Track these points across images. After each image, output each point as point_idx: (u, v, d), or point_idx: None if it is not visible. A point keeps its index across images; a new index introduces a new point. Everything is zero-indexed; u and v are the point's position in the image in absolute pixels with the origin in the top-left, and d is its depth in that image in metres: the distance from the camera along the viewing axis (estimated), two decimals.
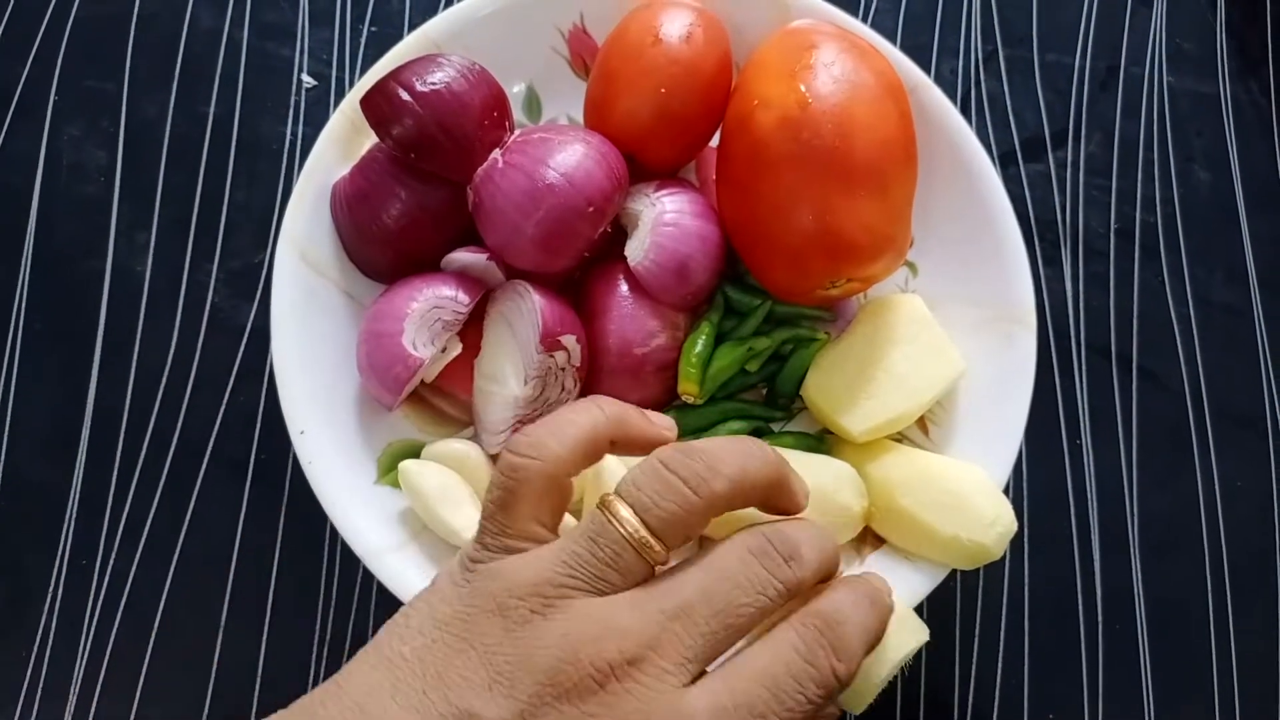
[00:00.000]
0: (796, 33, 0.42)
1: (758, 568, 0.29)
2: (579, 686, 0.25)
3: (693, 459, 0.29)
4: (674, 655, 0.26)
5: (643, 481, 0.29)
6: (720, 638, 0.27)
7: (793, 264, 0.41)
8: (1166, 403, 0.51)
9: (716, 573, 0.28)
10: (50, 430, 0.48)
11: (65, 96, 0.52)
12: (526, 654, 0.26)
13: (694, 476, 0.29)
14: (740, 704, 0.26)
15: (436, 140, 0.40)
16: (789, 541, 0.30)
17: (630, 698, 0.25)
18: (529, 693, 0.25)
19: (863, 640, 0.30)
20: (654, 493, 0.29)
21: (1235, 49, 0.57)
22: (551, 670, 0.25)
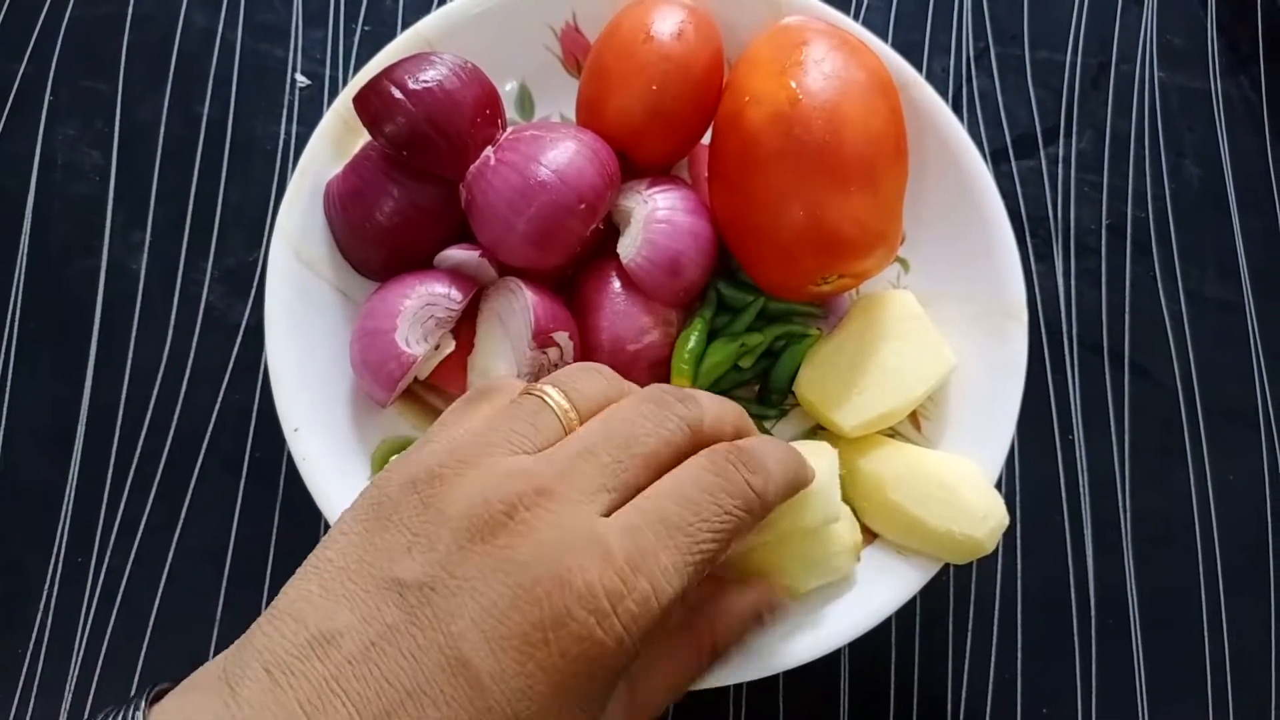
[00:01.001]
0: (788, 29, 0.43)
1: (653, 407, 0.29)
2: (490, 524, 0.25)
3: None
4: (582, 484, 0.27)
5: (574, 372, 0.31)
6: (625, 467, 0.28)
7: (785, 260, 0.41)
8: (1158, 398, 0.51)
9: (615, 415, 0.29)
10: (46, 428, 0.48)
11: (60, 96, 0.52)
12: (440, 510, 0.26)
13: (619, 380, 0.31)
14: (650, 519, 0.26)
15: (429, 138, 0.40)
16: (682, 391, 0.31)
17: (541, 525, 0.26)
18: (445, 544, 0.25)
19: (777, 462, 0.30)
20: (586, 381, 0.30)
21: (1226, 45, 0.57)
22: (463, 517, 0.26)
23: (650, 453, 0.28)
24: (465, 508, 0.26)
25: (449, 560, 0.25)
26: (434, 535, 0.26)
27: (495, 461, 0.27)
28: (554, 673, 0.24)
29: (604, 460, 0.27)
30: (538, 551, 0.25)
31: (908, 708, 0.46)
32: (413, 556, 0.25)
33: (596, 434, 0.28)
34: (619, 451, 0.28)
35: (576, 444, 0.28)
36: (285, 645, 0.25)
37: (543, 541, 0.25)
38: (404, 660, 0.24)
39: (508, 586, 0.25)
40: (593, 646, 0.25)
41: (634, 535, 0.26)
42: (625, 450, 0.28)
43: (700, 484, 0.28)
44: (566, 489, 0.26)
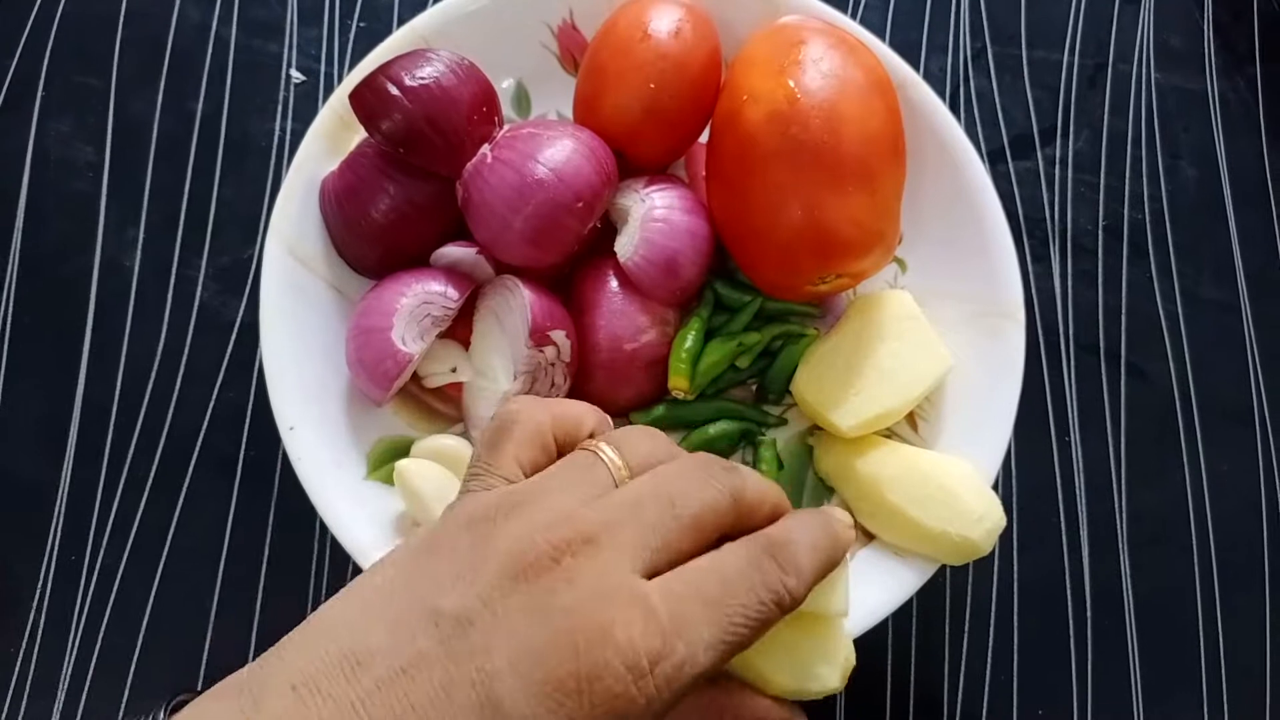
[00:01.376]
0: (785, 28, 0.42)
1: (700, 471, 0.30)
2: (535, 566, 0.26)
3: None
4: (627, 537, 0.27)
5: (629, 432, 0.32)
6: (670, 527, 0.28)
7: (782, 259, 0.41)
8: (1154, 399, 0.51)
9: (663, 474, 0.30)
10: (39, 426, 0.47)
11: (53, 92, 0.52)
12: (488, 546, 0.26)
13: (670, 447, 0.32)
14: (692, 590, 0.27)
15: (425, 135, 0.40)
16: (728, 462, 0.31)
17: (586, 573, 0.26)
18: (489, 580, 0.25)
19: (811, 555, 0.30)
20: (638, 442, 0.31)
21: (1222, 46, 0.57)
22: (510, 554, 0.26)
23: (694, 515, 0.28)
24: (513, 545, 0.26)
25: (490, 595, 0.25)
26: (479, 569, 0.26)
27: (548, 503, 0.28)
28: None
29: (649, 517, 0.28)
30: (580, 599, 0.25)
31: (904, 708, 0.46)
32: (456, 588, 0.25)
33: (645, 489, 0.29)
34: (664, 510, 0.28)
35: (625, 497, 0.28)
36: (315, 662, 0.24)
37: (586, 589, 0.26)
38: (434, 691, 0.24)
39: (547, 630, 0.25)
40: (625, 704, 0.25)
41: (677, 602, 0.26)
42: (670, 509, 0.28)
43: (739, 570, 0.28)
44: (611, 540, 0.27)
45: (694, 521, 0.28)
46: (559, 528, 0.27)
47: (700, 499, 0.29)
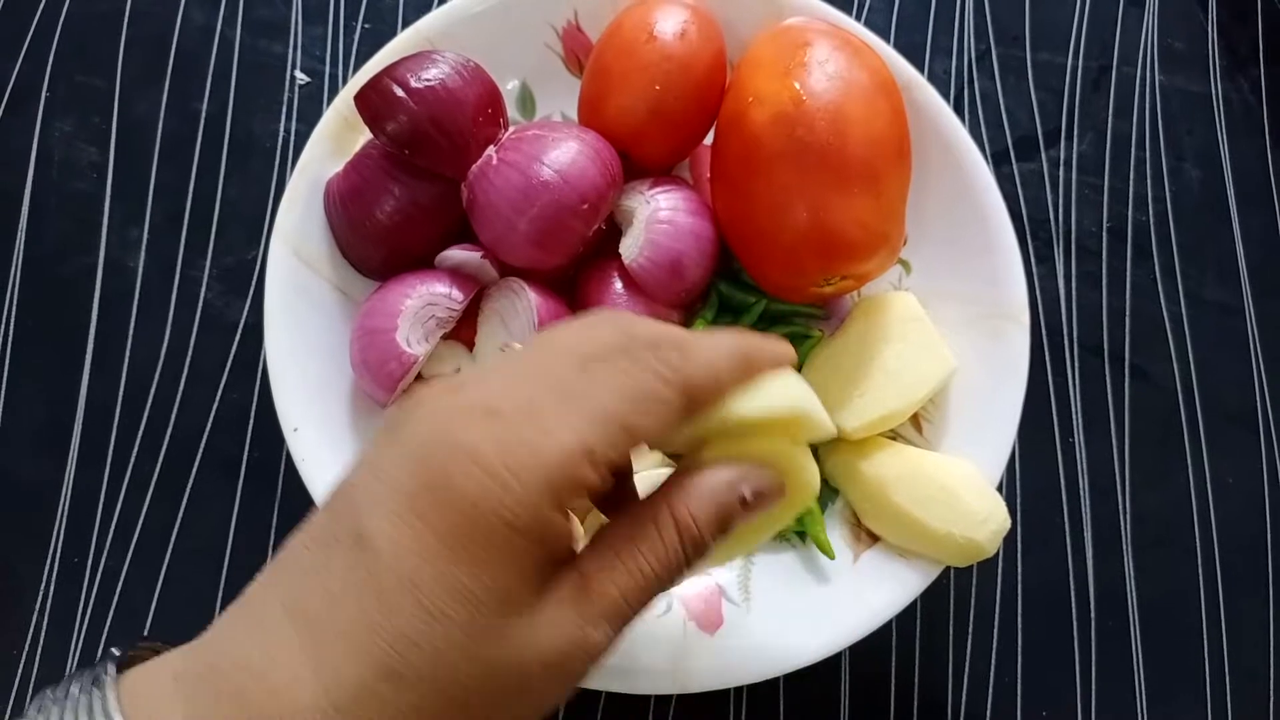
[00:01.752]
0: (790, 30, 0.42)
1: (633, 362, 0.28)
2: (397, 420, 0.27)
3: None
4: (497, 377, 0.27)
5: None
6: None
7: (787, 261, 0.41)
8: (1158, 400, 0.51)
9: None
10: (42, 427, 0.47)
11: (57, 92, 0.52)
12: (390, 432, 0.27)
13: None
14: (551, 389, 0.26)
15: (431, 136, 0.40)
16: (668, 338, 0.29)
17: (442, 406, 0.26)
18: (375, 448, 0.26)
19: (709, 345, 0.28)
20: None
21: (1225, 48, 0.57)
22: (390, 415, 0.27)
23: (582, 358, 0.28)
24: (388, 421, 0.27)
25: (372, 456, 0.26)
26: (375, 445, 0.27)
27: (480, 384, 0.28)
28: (440, 527, 0.24)
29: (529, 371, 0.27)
30: (431, 423, 0.25)
31: (908, 710, 0.46)
32: (358, 464, 0.27)
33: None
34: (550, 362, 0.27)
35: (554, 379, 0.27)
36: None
37: (438, 415, 0.26)
38: (317, 550, 0.25)
39: (405, 459, 0.25)
40: (478, 497, 0.24)
41: (529, 399, 0.26)
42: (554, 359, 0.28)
43: (601, 358, 0.27)
44: (476, 383, 0.27)
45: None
46: (424, 390, 0.27)
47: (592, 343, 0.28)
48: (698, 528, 0.27)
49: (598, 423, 0.25)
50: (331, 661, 0.23)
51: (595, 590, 0.26)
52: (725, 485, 0.28)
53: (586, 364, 0.26)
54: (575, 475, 0.25)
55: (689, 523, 0.27)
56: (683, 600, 0.42)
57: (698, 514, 0.27)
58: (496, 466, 0.24)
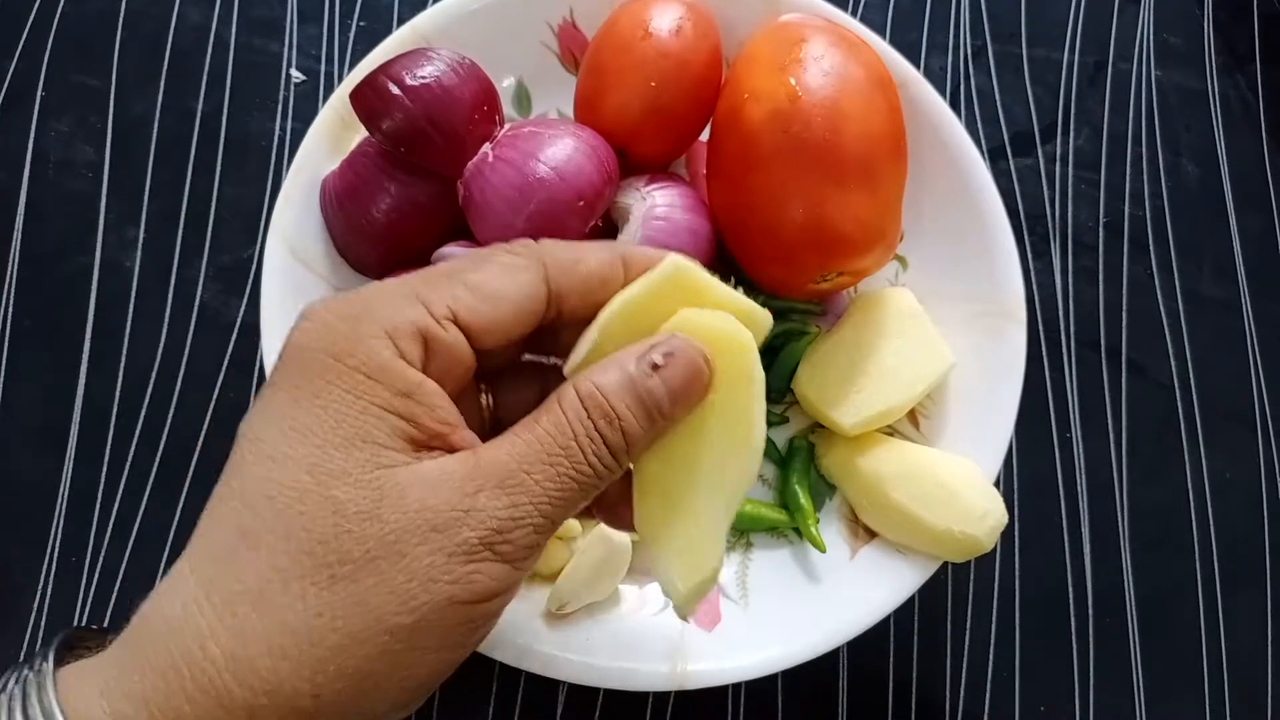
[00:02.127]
0: (786, 26, 0.42)
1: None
2: None
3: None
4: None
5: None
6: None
7: (784, 257, 0.41)
8: (1156, 396, 0.51)
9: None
10: (39, 427, 0.47)
11: (53, 92, 0.52)
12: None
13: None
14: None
15: (426, 134, 0.40)
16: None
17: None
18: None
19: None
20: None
21: (1222, 44, 0.57)
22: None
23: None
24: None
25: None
26: None
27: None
28: (280, 381, 0.25)
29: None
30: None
31: (906, 706, 0.46)
32: None
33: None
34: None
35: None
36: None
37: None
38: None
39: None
40: (306, 340, 0.25)
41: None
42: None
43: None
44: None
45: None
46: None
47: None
48: (602, 394, 0.26)
49: (433, 278, 0.26)
50: (200, 547, 0.24)
51: (483, 456, 0.25)
52: (630, 355, 0.26)
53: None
54: (406, 315, 0.25)
55: (592, 390, 0.26)
56: None
57: (601, 381, 0.26)
58: (325, 316, 0.25)
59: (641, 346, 0.27)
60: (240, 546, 0.23)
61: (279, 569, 0.23)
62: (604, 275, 0.28)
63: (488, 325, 0.26)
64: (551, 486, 0.25)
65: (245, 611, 0.22)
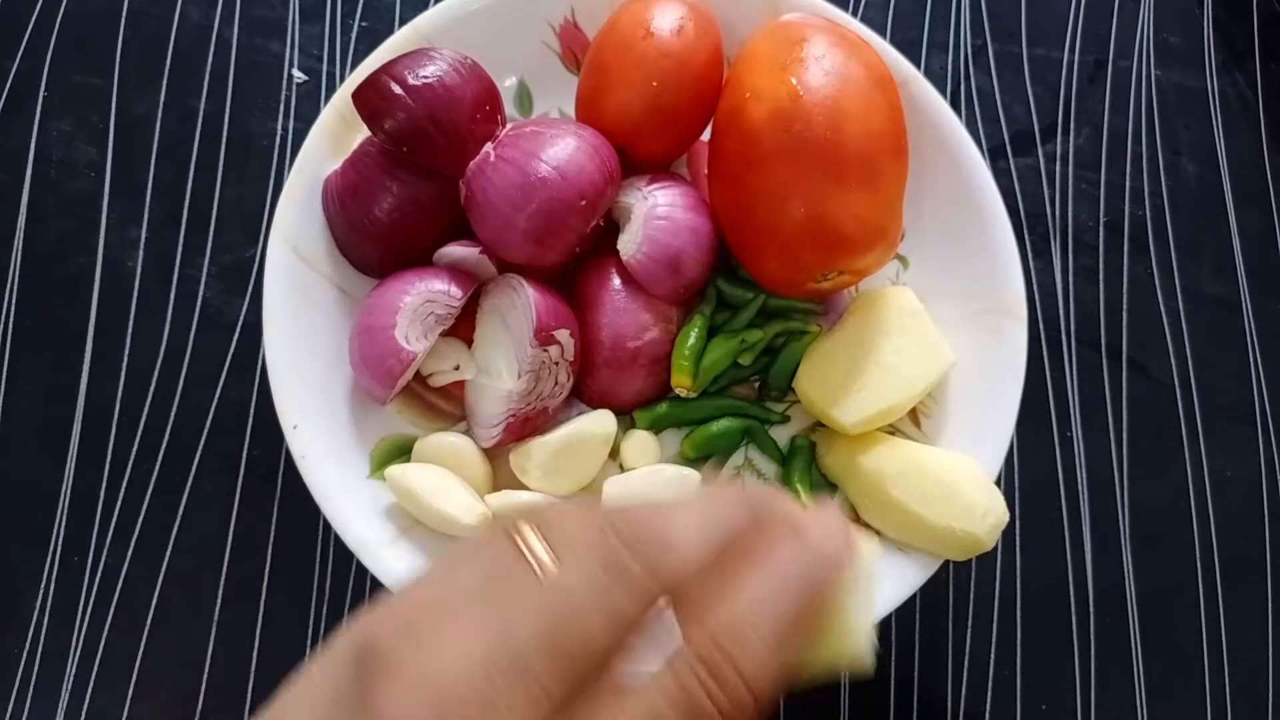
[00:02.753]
0: (787, 26, 0.43)
1: (597, 587, 0.22)
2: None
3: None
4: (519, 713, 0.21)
5: (566, 515, 0.24)
6: (565, 673, 0.21)
7: (785, 256, 0.41)
8: (1156, 394, 0.51)
9: (558, 599, 0.22)
10: (41, 426, 0.47)
11: (55, 92, 0.52)
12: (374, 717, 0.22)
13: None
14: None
15: (428, 133, 0.40)
16: (652, 532, 0.23)
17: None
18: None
19: (772, 634, 0.22)
20: (569, 528, 0.23)
21: (1222, 43, 0.57)
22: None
23: (585, 649, 0.22)
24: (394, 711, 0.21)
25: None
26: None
27: (439, 659, 0.22)
28: None
29: (540, 677, 0.21)
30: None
31: (908, 704, 0.46)
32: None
33: (534, 632, 0.22)
34: (558, 657, 0.21)
35: (515, 652, 0.21)
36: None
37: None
38: None
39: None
40: None
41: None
42: (564, 651, 0.21)
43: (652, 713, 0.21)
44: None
45: (588, 656, 0.22)
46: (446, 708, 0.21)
47: (591, 625, 0.21)
48: (733, 648, 0.22)
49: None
50: None
51: None
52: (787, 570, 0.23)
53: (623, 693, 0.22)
54: None
55: (709, 649, 0.22)
56: None
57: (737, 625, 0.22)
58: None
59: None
60: None
61: None
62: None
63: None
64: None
65: None
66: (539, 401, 0.42)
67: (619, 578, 0.22)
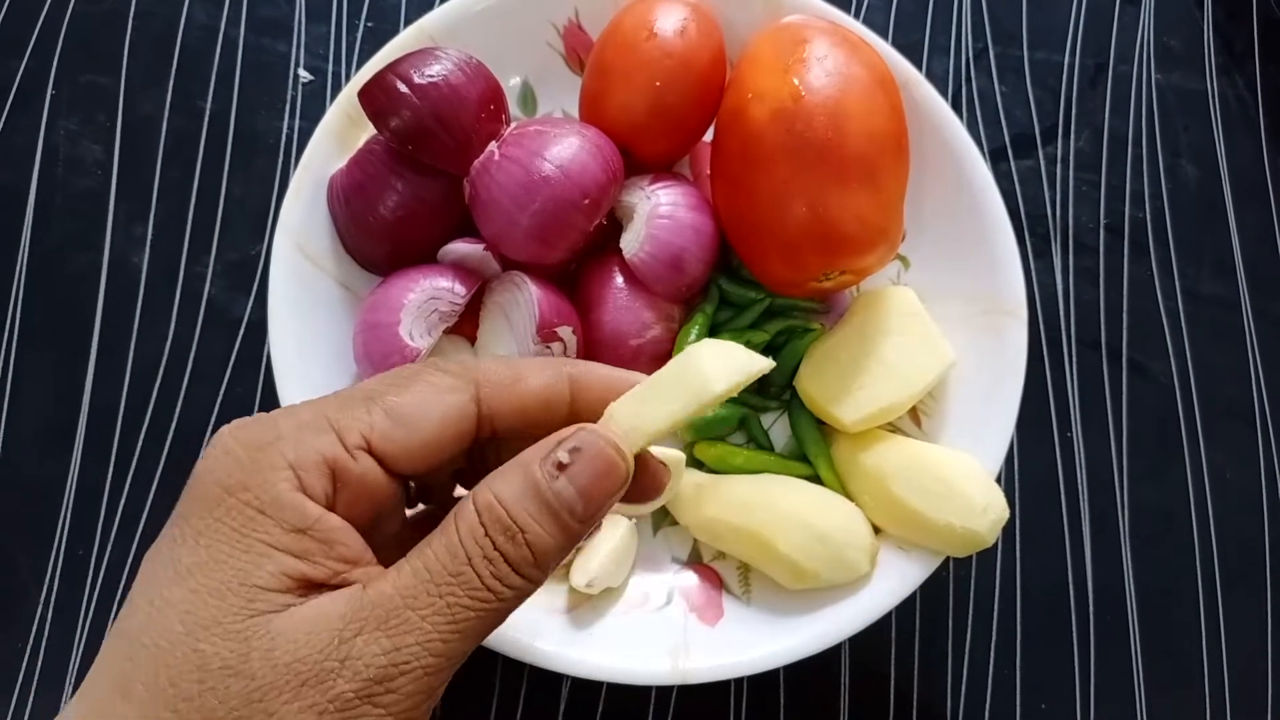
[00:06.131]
0: (789, 27, 0.43)
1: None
2: None
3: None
4: None
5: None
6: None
7: (787, 256, 0.42)
8: (1156, 395, 0.52)
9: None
10: (47, 422, 0.48)
11: (62, 91, 0.52)
12: None
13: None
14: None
15: (433, 132, 0.40)
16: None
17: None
18: None
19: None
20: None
21: (1221, 46, 0.58)
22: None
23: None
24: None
25: None
26: None
27: None
28: (176, 513, 0.23)
29: None
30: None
31: (908, 702, 0.46)
32: None
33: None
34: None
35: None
36: None
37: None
38: None
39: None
40: (203, 468, 0.23)
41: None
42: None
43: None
44: None
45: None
46: None
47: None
48: (502, 505, 0.23)
49: (349, 402, 0.24)
50: (87, 688, 0.22)
51: (369, 592, 0.22)
52: (533, 456, 0.24)
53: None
54: (313, 445, 0.23)
55: (490, 501, 0.23)
56: (683, 593, 0.42)
57: (501, 490, 0.24)
58: (230, 443, 0.23)
59: (545, 444, 0.24)
60: (115, 695, 0.21)
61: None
62: (545, 396, 0.26)
63: (405, 451, 0.24)
64: (442, 621, 0.22)
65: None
66: None
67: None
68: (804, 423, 0.44)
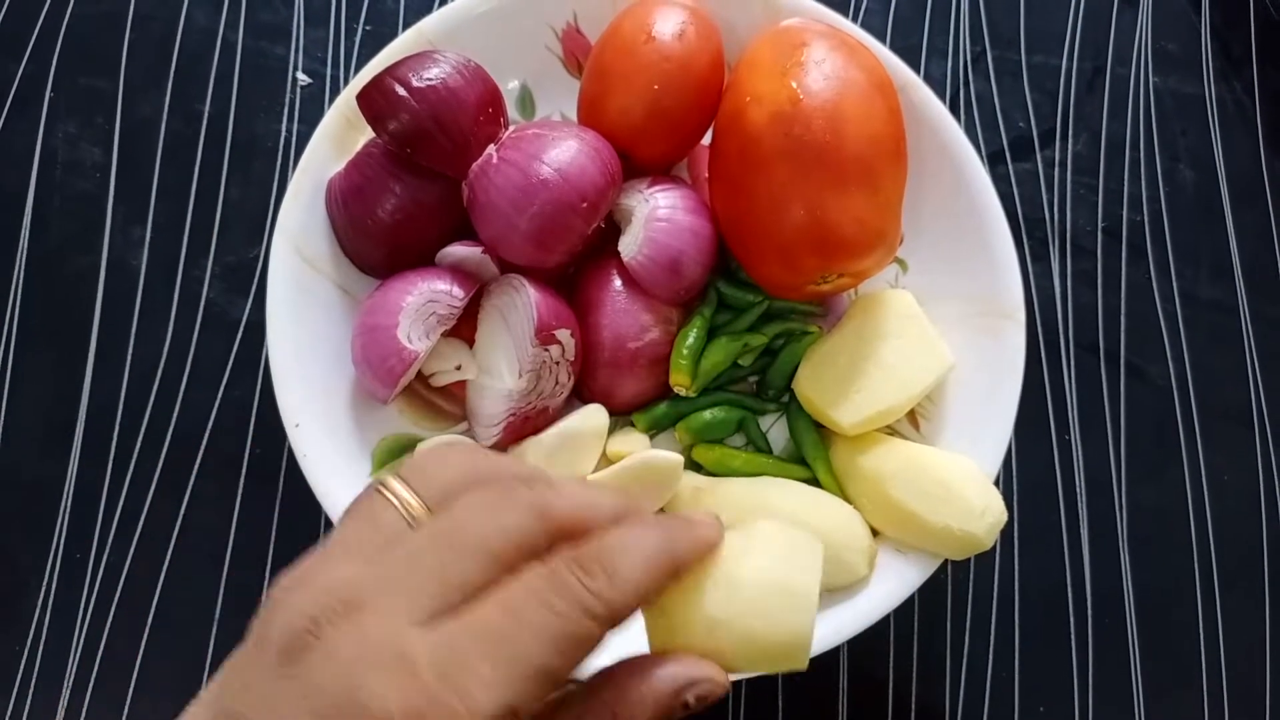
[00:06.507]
0: (788, 31, 0.43)
1: (494, 495, 0.26)
2: (299, 646, 0.23)
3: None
4: (400, 593, 0.24)
5: (426, 457, 0.27)
6: (454, 571, 0.24)
7: (785, 259, 0.42)
8: (1154, 398, 0.52)
9: (453, 510, 0.26)
10: (45, 425, 0.48)
11: (61, 94, 0.52)
12: (263, 639, 0.24)
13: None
14: (471, 628, 0.23)
15: (432, 135, 0.40)
16: (533, 473, 0.27)
17: (346, 643, 0.23)
18: (263, 673, 0.23)
19: (636, 556, 0.26)
20: (436, 470, 0.27)
21: (1219, 49, 0.58)
22: (277, 642, 0.23)
23: (484, 546, 0.25)
24: (279, 631, 0.23)
25: (265, 690, 0.23)
26: (258, 664, 0.24)
27: (325, 573, 0.25)
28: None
29: (429, 564, 0.24)
30: (336, 673, 0.23)
31: (906, 705, 0.46)
32: (245, 688, 0.24)
33: (427, 531, 0.25)
34: (448, 553, 0.24)
35: (406, 545, 0.25)
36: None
37: (343, 661, 0.23)
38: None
39: (303, 713, 0.22)
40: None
41: (450, 649, 0.23)
42: (455, 551, 0.24)
43: (530, 589, 0.24)
44: (380, 599, 0.24)
45: (485, 553, 0.25)
46: (321, 597, 0.24)
47: (492, 525, 0.25)
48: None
49: (525, 679, 0.24)
50: None
51: None
52: (669, 689, 0.26)
53: (511, 601, 0.24)
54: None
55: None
56: None
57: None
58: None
59: (681, 675, 0.27)
60: None
61: None
62: (654, 591, 0.27)
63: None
64: None
65: None
66: (540, 401, 0.42)
67: (510, 499, 0.26)
68: (802, 425, 0.44)
